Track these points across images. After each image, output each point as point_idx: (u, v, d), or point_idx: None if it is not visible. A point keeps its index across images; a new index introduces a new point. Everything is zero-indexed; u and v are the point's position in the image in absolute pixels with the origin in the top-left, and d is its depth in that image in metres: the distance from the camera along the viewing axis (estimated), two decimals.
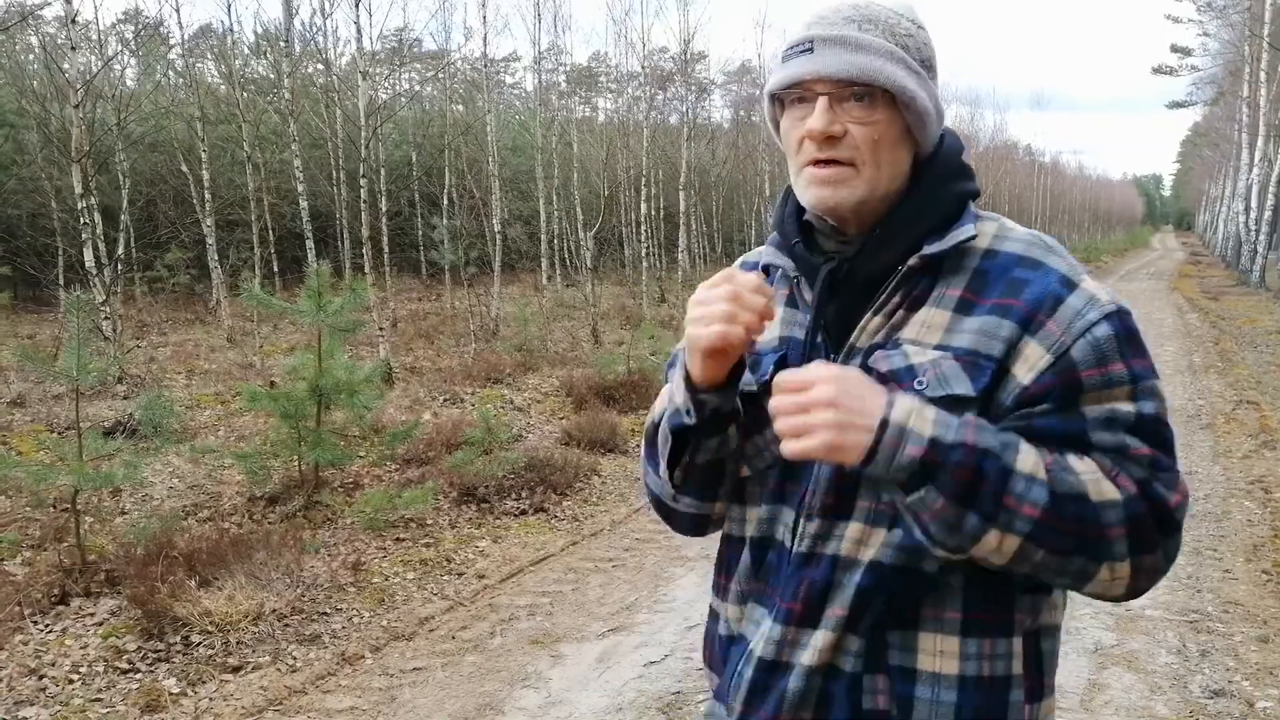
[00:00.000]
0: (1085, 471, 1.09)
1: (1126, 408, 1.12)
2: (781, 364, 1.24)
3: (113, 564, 4.58)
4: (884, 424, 1.07)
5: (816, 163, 1.18)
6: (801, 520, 1.21)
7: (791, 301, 1.29)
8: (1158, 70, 38.00)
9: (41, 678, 3.75)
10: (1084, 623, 4.23)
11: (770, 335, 1.28)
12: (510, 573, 4.96)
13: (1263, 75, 23.19)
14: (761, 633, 1.24)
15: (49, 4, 10.73)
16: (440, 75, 18.86)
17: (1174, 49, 37.53)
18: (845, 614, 1.17)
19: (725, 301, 1.13)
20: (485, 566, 5.06)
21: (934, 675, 1.17)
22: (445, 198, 15.71)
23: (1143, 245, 61.22)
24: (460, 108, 19.96)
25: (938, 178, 1.22)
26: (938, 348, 1.15)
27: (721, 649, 1.34)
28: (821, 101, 1.16)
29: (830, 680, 1.19)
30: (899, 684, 1.17)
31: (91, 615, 4.24)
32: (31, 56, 15.09)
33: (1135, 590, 1.15)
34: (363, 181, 10.22)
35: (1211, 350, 12.55)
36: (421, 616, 4.42)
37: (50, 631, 4.11)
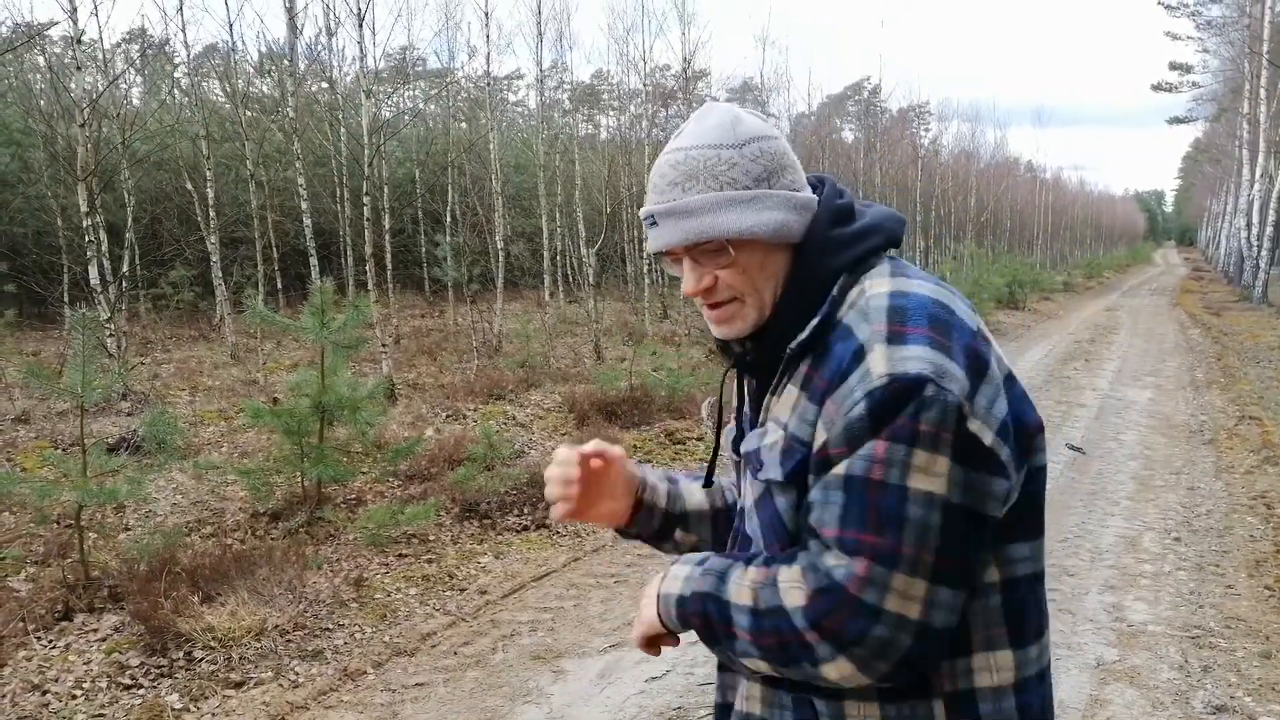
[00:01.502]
0: (785, 579, 1.16)
1: (835, 474, 1.13)
2: (738, 438, 1.42)
3: (116, 580, 4.60)
4: (658, 597, 1.30)
5: (710, 306, 1.29)
6: None
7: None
8: (1157, 87, 38.15)
9: (45, 693, 3.76)
10: (1085, 639, 4.23)
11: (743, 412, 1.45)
12: (512, 588, 4.97)
13: (1262, 92, 23.28)
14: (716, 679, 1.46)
15: (56, 24, 10.80)
16: (444, 93, 18.98)
17: (1173, 66, 37.70)
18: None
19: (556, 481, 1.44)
20: (487, 582, 5.06)
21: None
22: (448, 215, 15.77)
23: (1145, 261, 61.23)
24: (464, 125, 20.06)
25: (804, 266, 1.27)
26: (783, 427, 1.23)
27: None
28: (686, 263, 1.28)
29: None
30: None
31: (95, 631, 4.25)
32: (38, 76, 15.19)
33: (884, 677, 1.12)
34: (366, 199, 10.28)
35: (1214, 366, 12.55)
36: (423, 632, 4.42)
37: (54, 647, 4.12)
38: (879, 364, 1.12)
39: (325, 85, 17.43)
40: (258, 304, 9.60)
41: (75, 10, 8.95)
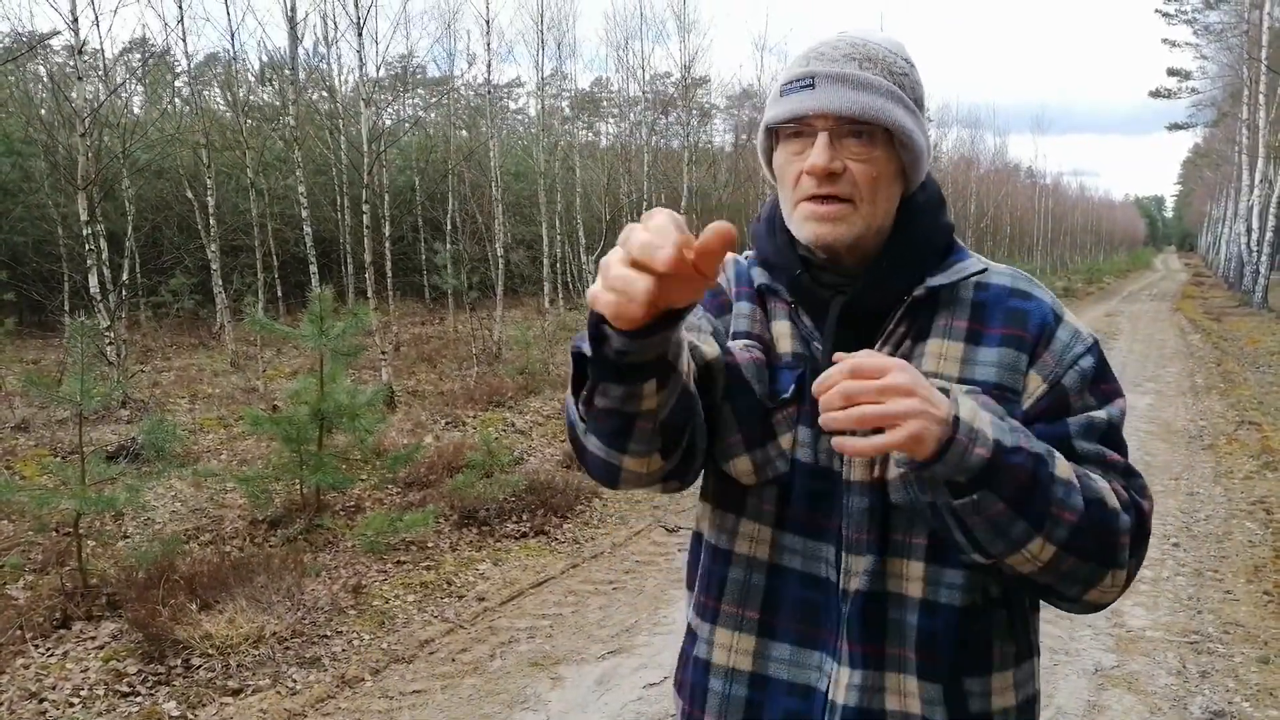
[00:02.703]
0: (1100, 480, 1.14)
1: (1100, 416, 1.20)
2: (800, 381, 1.22)
3: (114, 587, 4.60)
4: (956, 421, 1.03)
5: (814, 199, 1.18)
6: (845, 555, 1.19)
7: (792, 322, 1.27)
8: (1156, 94, 38.19)
9: (42, 701, 3.76)
10: (1084, 644, 4.23)
11: (785, 349, 1.26)
12: (510, 595, 4.97)
13: (1261, 98, 23.31)
14: (836, 680, 1.19)
15: (57, 34, 10.84)
16: (444, 101, 19.02)
17: (1171, 72, 37.75)
18: (915, 657, 1.18)
19: (620, 265, 0.88)
20: (485, 589, 5.06)
21: (1005, 711, 1.22)
22: (448, 222, 15.80)
23: (1145, 266, 61.25)
24: (464, 133, 20.11)
25: (927, 212, 1.25)
26: (962, 380, 1.18)
27: (699, 675, 1.30)
28: (822, 137, 1.16)
29: None
30: None
31: (93, 639, 4.25)
32: (40, 85, 15.24)
33: (1112, 600, 1.19)
34: (366, 207, 10.30)
35: (1214, 371, 12.55)
36: (422, 639, 4.42)
37: (51, 655, 4.12)
38: (1080, 326, 1.26)
39: (325, 93, 17.49)
40: (257, 312, 9.63)
41: (76, 20, 8.99)
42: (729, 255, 1.25)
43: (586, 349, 1.01)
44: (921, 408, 1.01)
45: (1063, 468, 1.09)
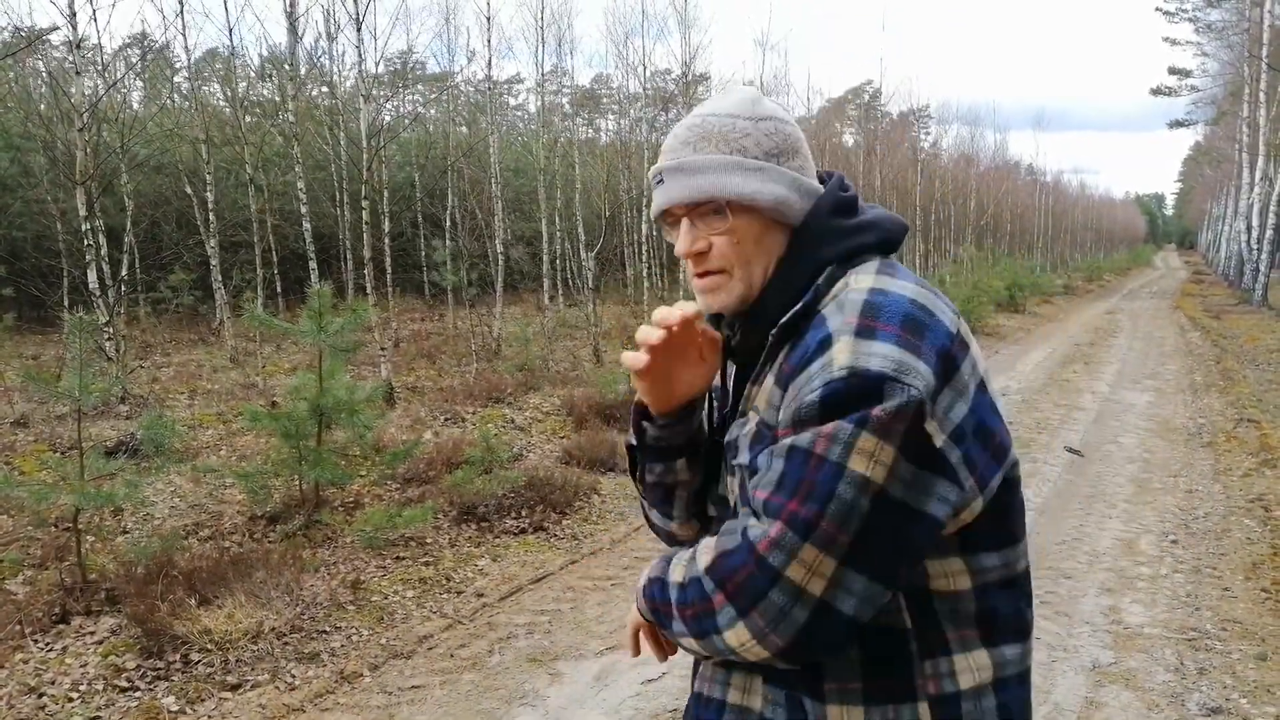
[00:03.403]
0: (705, 546, 1.19)
1: (782, 444, 1.13)
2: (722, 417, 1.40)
3: (113, 583, 4.60)
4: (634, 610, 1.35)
5: (698, 274, 1.30)
6: None
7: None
8: (1157, 91, 38.17)
9: (41, 696, 3.77)
10: (1081, 641, 4.24)
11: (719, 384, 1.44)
12: (509, 591, 4.97)
13: (1262, 96, 23.31)
14: (701, 669, 1.40)
15: (56, 29, 10.83)
16: (443, 97, 19.01)
17: (1172, 71, 37.73)
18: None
19: (647, 332, 1.28)
20: (484, 585, 5.07)
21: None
22: (448, 219, 15.78)
23: (1145, 264, 61.23)
24: (463, 129, 20.08)
25: (797, 250, 1.28)
26: (762, 419, 1.24)
27: None
28: (684, 225, 1.29)
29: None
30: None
31: (92, 634, 4.26)
32: (39, 80, 15.22)
33: (783, 653, 1.12)
34: (365, 203, 10.28)
35: (1213, 369, 12.55)
36: (420, 635, 4.43)
37: (50, 650, 4.12)
38: (842, 355, 1.11)
39: (325, 89, 17.47)
40: (257, 308, 9.63)
41: (75, 15, 8.97)
42: None
43: (632, 440, 1.43)
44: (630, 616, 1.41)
45: (673, 570, 1.25)
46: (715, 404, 1.43)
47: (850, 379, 1.09)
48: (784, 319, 1.23)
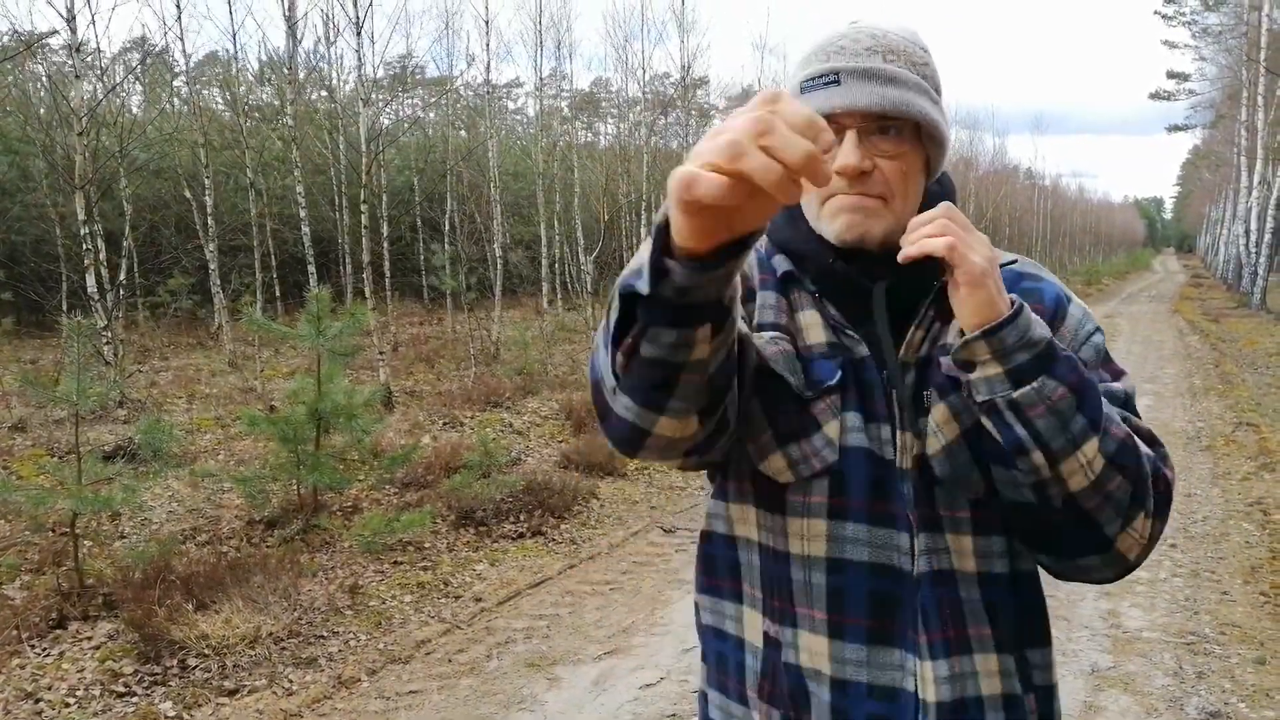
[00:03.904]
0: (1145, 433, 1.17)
1: (1118, 387, 1.20)
2: (844, 368, 1.18)
3: (111, 588, 4.59)
4: (1019, 311, 1.05)
5: (853, 194, 1.15)
6: (912, 539, 1.15)
7: (819, 312, 1.23)
8: (1155, 95, 38.22)
9: (38, 701, 3.76)
10: (1080, 645, 4.23)
11: (817, 339, 1.20)
12: (507, 596, 4.96)
13: (1260, 99, 23.33)
14: (921, 676, 1.14)
15: (55, 33, 10.85)
16: (442, 101, 19.02)
17: (1170, 75, 37.79)
18: (990, 634, 1.17)
19: (744, 134, 0.73)
20: (482, 590, 5.06)
21: (1049, 689, 1.24)
22: (447, 223, 15.80)
23: (1144, 268, 61.29)
24: (463, 133, 20.10)
25: (949, 198, 1.26)
26: None
27: (793, 680, 1.20)
28: (851, 136, 1.12)
29: (1010, 709, 1.18)
30: (1043, 703, 1.23)
31: (89, 639, 4.25)
32: (38, 85, 15.23)
33: (1138, 561, 1.16)
34: (364, 207, 10.29)
35: (1212, 372, 12.55)
36: (418, 639, 4.42)
37: (47, 655, 4.12)
38: (1086, 307, 1.27)
39: (324, 93, 17.49)
40: (255, 312, 9.63)
41: (74, 19, 8.98)
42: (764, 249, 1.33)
43: (642, 286, 0.87)
44: (992, 267, 1.06)
45: (1110, 393, 1.17)
46: (772, 340, 1.19)
47: (1101, 329, 1.26)
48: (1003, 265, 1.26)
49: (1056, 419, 1.04)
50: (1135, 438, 1.11)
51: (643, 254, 0.89)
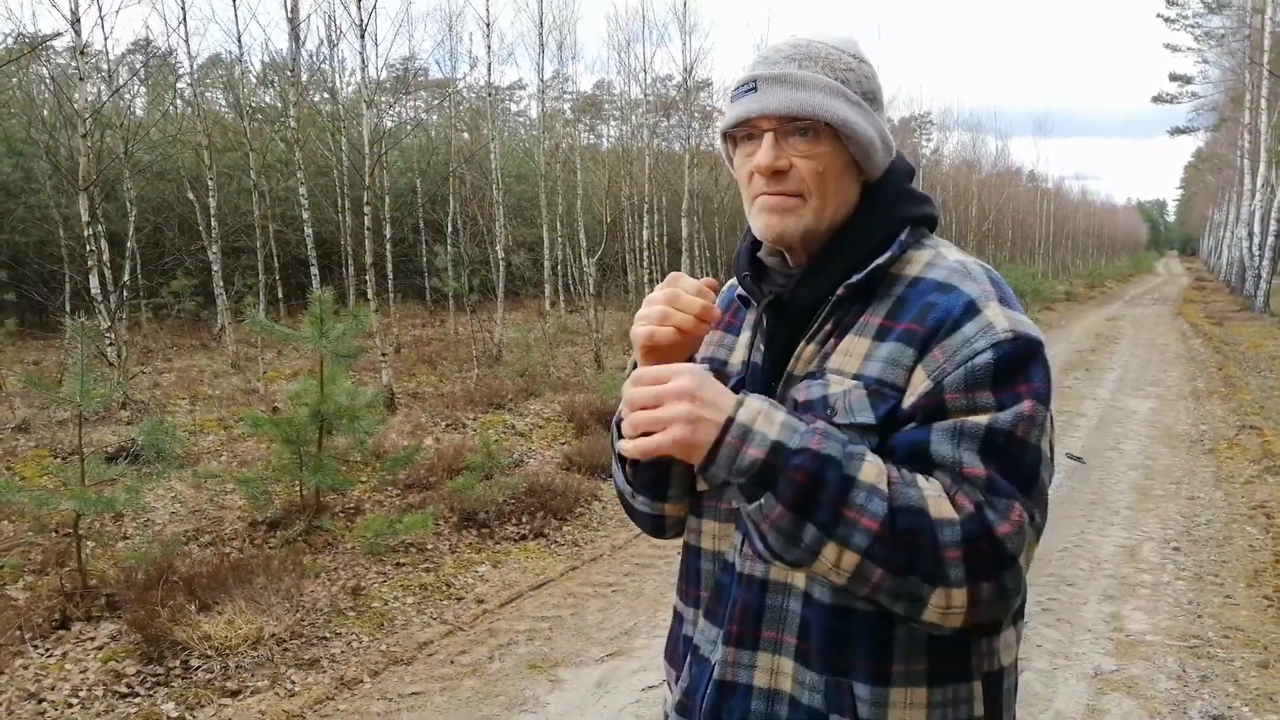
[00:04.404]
0: (927, 489, 1.08)
1: (977, 422, 1.11)
2: (738, 389, 1.22)
3: (113, 588, 4.60)
4: (729, 422, 1.09)
5: (771, 193, 1.23)
6: (741, 542, 1.26)
7: (756, 328, 1.33)
8: (1158, 99, 38.21)
9: (41, 701, 3.76)
10: (1083, 648, 4.22)
11: (738, 359, 1.34)
12: (509, 598, 4.96)
13: (1263, 102, 23.30)
14: (717, 654, 1.28)
15: (59, 35, 10.89)
16: (445, 103, 19.04)
17: (1173, 78, 37.77)
18: (793, 642, 1.21)
19: (662, 303, 1.21)
20: (485, 591, 5.06)
21: None
22: (449, 224, 15.82)
23: (1147, 270, 61.24)
24: (465, 135, 20.12)
25: (878, 205, 1.26)
26: (855, 376, 1.18)
27: (685, 648, 1.38)
28: (767, 138, 1.22)
29: (792, 709, 1.22)
30: None
31: (92, 639, 4.25)
32: (42, 86, 15.26)
33: (973, 622, 1.11)
34: (367, 209, 10.30)
35: (1215, 375, 12.54)
36: (420, 641, 4.42)
37: (50, 655, 4.12)
38: (1000, 320, 1.15)
39: (327, 95, 17.51)
40: (258, 313, 9.63)
41: (79, 21, 9.00)
42: (726, 285, 1.47)
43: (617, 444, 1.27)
44: (689, 412, 1.09)
45: (867, 472, 1.07)
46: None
47: (1016, 341, 1.14)
48: (859, 276, 1.21)
49: (781, 535, 1.09)
50: (916, 510, 1.06)
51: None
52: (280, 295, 13.75)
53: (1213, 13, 31.11)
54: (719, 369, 1.33)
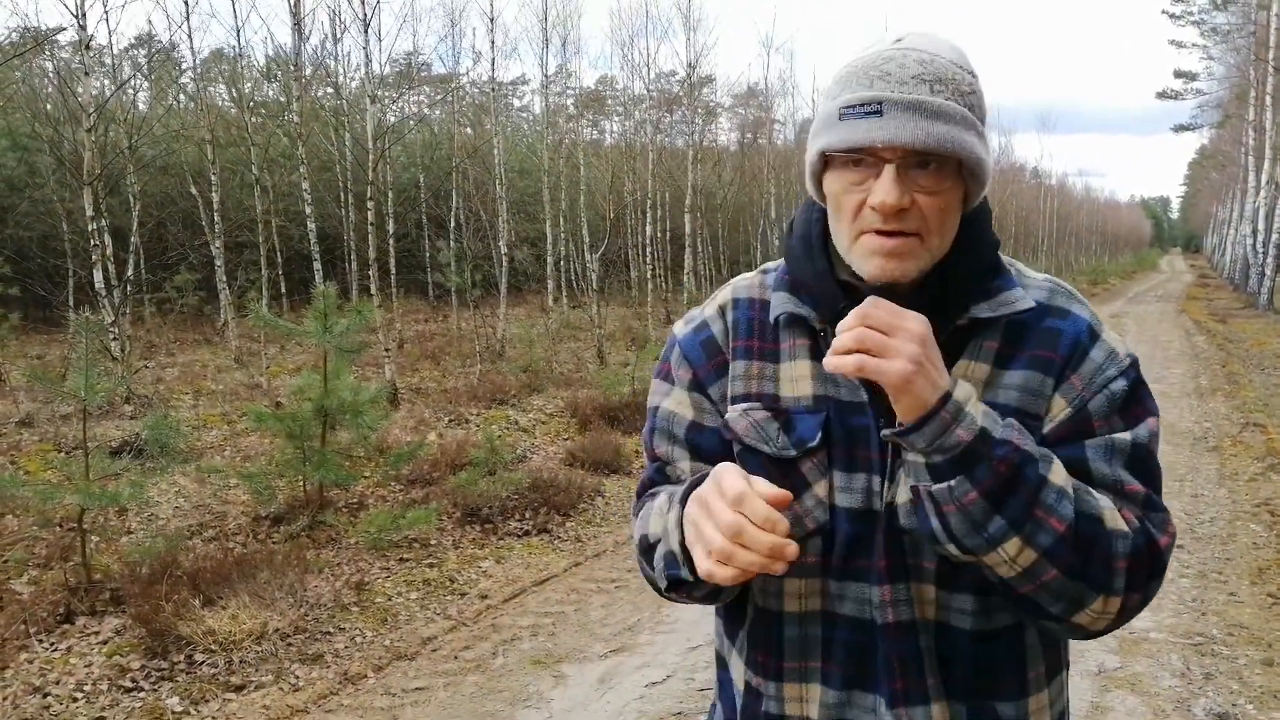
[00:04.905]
0: (1103, 500, 1.09)
1: (1124, 438, 1.14)
2: (826, 425, 1.17)
3: (118, 583, 4.60)
4: (946, 396, 1.02)
5: (880, 233, 1.10)
6: (877, 591, 1.16)
7: (817, 354, 1.19)
8: (1162, 95, 38.12)
9: (45, 696, 3.77)
10: (1087, 646, 4.22)
11: (803, 392, 1.20)
12: (513, 593, 4.97)
13: (1268, 99, 23.23)
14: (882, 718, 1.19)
15: (64, 29, 10.90)
16: (448, 98, 19.03)
17: (1178, 74, 37.68)
18: (938, 680, 1.17)
19: (727, 536, 0.98)
20: (488, 587, 5.06)
21: None
22: (452, 220, 15.82)
23: (1151, 268, 61.16)
24: (468, 130, 20.12)
25: (981, 232, 1.19)
26: (984, 403, 1.10)
27: None
28: (889, 171, 1.07)
29: None
30: None
31: (96, 634, 4.26)
32: (46, 80, 15.27)
33: (1110, 628, 1.13)
34: (370, 204, 10.30)
35: (1219, 373, 12.52)
36: (424, 636, 4.42)
37: (55, 650, 4.13)
38: (1119, 345, 1.18)
39: (331, 90, 17.50)
40: (261, 308, 9.63)
41: (84, 15, 8.99)
42: (722, 298, 1.31)
43: (687, 575, 1.13)
44: (921, 358, 1.00)
45: (1058, 474, 1.05)
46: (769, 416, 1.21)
47: (1135, 365, 1.18)
48: (994, 313, 1.15)
49: (968, 520, 1.04)
50: (1098, 518, 1.06)
51: (673, 548, 1.14)
52: (283, 290, 13.75)
53: (1218, 9, 31.04)
54: (770, 405, 1.21)
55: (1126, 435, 1.13)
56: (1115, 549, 1.06)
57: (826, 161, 1.15)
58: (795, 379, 1.20)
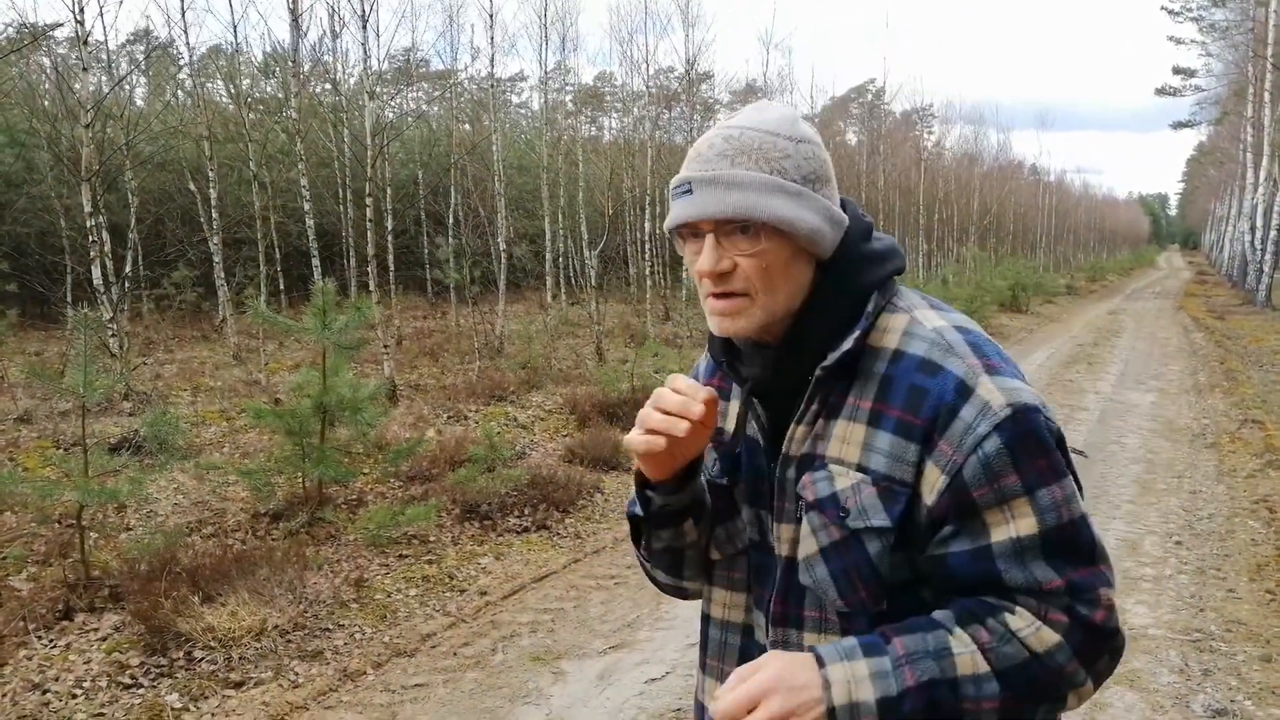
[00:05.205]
0: (1023, 628, 1.11)
1: (1029, 527, 1.11)
2: (726, 461, 1.33)
3: (117, 579, 4.60)
4: (831, 712, 1.08)
5: (713, 295, 1.21)
6: (769, 625, 1.28)
7: (745, 406, 1.32)
8: (1161, 91, 38.11)
9: (45, 692, 3.77)
10: None
11: (730, 428, 1.35)
12: (512, 590, 4.97)
13: (1267, 96, 23.23)
14: None
15: (61, 25, 10.89)
16: (447, 94, 19.00)
17: (1176, 70, 37.67)
18: None
19: (659, 412, 1.18)
20: (487, 583, 5.07)
21: None
22: (451, 216, 15.79)
23: (1149, 264, 61.18)
24: (467, 127, 20.08)
25: (838, 280, 1.23)
26: (859, 468, 1.17)
27: (699, 713, 1.42)
28: (708, 240, 1.19)
29: None
30: None
31: (95, 630, 4.26)
32: (43, 76, 15.22)
33: (1093, 694, 1.19)
34: (368, 200, 10.28)
35: (1217, 369, 12.53)
36: (423, 633, 4.43)
37: (54, 646, 4.13)
38: (995, 396, 1.13)
39: (329, 86, 17.47)
40: (260, 305, 9.62)
41: (82, 11, 8.97)
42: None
43: (636, 510, 1.34)
44: (788, 706, 1.07)
45: (963, 663, 1.10)
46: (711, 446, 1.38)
47: (1016, 416, 1.12)
48: (837, 355, 1.19)
49: None
50: (1021, 664, 1.10)
51: (633, 490, 1.34)
52: (281, 287, 13.72)
53: (1217, 6, 31.04)
54: (716, 438, 1.35)
55: (1032, 525, 1.11)
56: (1056, 663, 1.11)
57: (682, 239, 1.27)
58: (729, 416, 1.36)
